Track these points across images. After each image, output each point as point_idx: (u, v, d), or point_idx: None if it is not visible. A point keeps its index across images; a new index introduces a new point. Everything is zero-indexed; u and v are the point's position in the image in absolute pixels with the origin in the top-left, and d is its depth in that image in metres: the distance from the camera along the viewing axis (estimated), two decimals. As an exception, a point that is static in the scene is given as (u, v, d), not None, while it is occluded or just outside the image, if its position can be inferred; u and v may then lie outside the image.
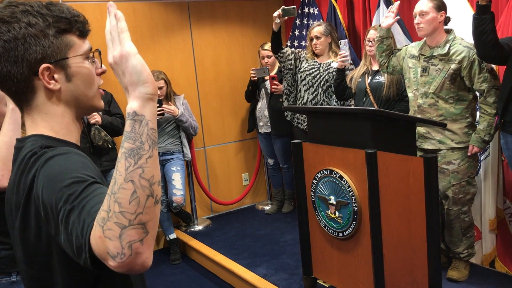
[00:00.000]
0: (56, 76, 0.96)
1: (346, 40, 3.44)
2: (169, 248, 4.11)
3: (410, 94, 2.97)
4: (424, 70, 2.84)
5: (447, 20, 2.82)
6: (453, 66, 2.73)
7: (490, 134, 2.74)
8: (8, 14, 0.93)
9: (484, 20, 2.50)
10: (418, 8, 2.80)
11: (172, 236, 4.09)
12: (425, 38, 2.88)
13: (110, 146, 3.53)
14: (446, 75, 2.75)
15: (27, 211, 0.94)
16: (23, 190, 0.94)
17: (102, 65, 1.05)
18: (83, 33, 1.01)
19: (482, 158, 3.07)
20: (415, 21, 2.80)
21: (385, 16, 3.03)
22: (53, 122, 0.99)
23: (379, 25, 3.02)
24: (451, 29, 2.84)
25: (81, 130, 1.07)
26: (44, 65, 0.94)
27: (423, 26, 2.77)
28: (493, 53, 2.53)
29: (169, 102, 3.96)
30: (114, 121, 3.58)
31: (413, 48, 2.99)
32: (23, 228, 0.96)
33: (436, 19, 2.76)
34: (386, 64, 3.07)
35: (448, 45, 2.76)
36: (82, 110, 1.04)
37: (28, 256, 0.99)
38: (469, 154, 2.79)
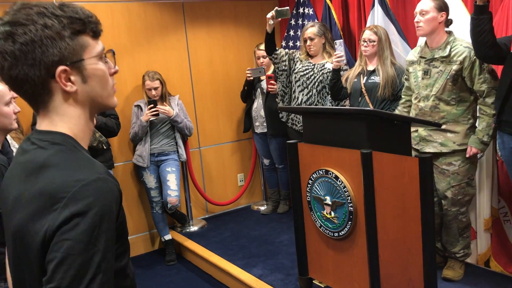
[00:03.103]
0: (72, 78, 0.96)
1: (341, 40, 3.43)
2: (164, 249, 4.10)
3: (412, 99, 2.98)
4: (426, 73, 2.83)
5: (448, 22, 2.82)
6: (454, 67, 2.71)
7: (488, 135, 2.70)
8: (24, 16, 0.91)
9: (482, 21, 2.49)
10: (419, 7, 2.81)
11: (167, 237, 4.08)
12: (425, 41, 2.88)
13: (105, 147, 3.51)
14: (448, 77, 2.73)
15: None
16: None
17: (116, 66, 1.05)
18: (96, 34, 1.00)
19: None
20: (415, 19, 2.81)
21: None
22: (71, 123, 0.99)
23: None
24: (451, 31, 2.83)
25: (92, 130, 1.06)
26: (61, 68, 0.93)
27: (422, 25, 2.77)
28: (490, 53, 2.52)
29: (164, 103, 3.95)
30: (109, 122, 3.57)
31: (411, 54, 3.00)
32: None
33: (436, 19, 2.75)
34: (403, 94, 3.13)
35: (449, 47, 2.75)
36: (97, 109, 1.04)
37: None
38: (467, 155, 2.76)
